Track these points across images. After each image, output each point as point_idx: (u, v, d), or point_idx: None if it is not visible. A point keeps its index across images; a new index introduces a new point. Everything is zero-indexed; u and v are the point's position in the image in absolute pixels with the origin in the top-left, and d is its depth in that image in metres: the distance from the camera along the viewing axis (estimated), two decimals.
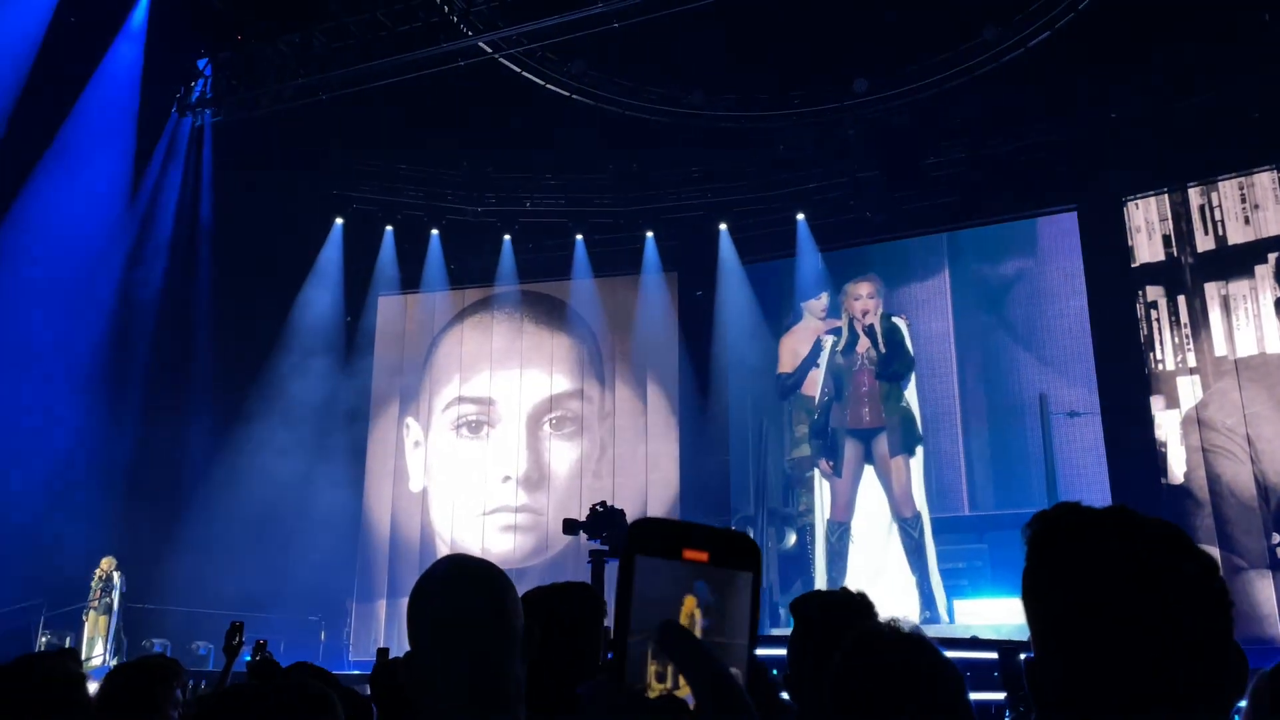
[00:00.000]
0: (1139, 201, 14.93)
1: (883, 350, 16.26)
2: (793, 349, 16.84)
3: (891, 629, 1.61)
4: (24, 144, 13.33)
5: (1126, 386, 14.49)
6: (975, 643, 11.60)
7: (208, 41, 14.85)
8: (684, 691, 0.68)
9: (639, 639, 0.69)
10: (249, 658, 5.61)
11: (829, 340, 16.70)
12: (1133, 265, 14.82)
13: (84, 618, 13.76)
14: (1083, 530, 1.01)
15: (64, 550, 13.36)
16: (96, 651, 13.50)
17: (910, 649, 1.52)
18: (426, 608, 1.60)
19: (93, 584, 13.80)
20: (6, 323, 13.58)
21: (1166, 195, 14.77)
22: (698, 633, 0.70)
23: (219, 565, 14.30)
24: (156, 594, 14.11)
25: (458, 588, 1.61)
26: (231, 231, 15.43)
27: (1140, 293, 14.72)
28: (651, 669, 0.69)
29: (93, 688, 3.33)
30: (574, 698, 1.86)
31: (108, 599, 13.72)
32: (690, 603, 0.69)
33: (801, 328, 16.87)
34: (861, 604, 2.12)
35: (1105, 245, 14.99)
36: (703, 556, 0.71)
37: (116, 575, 13.79)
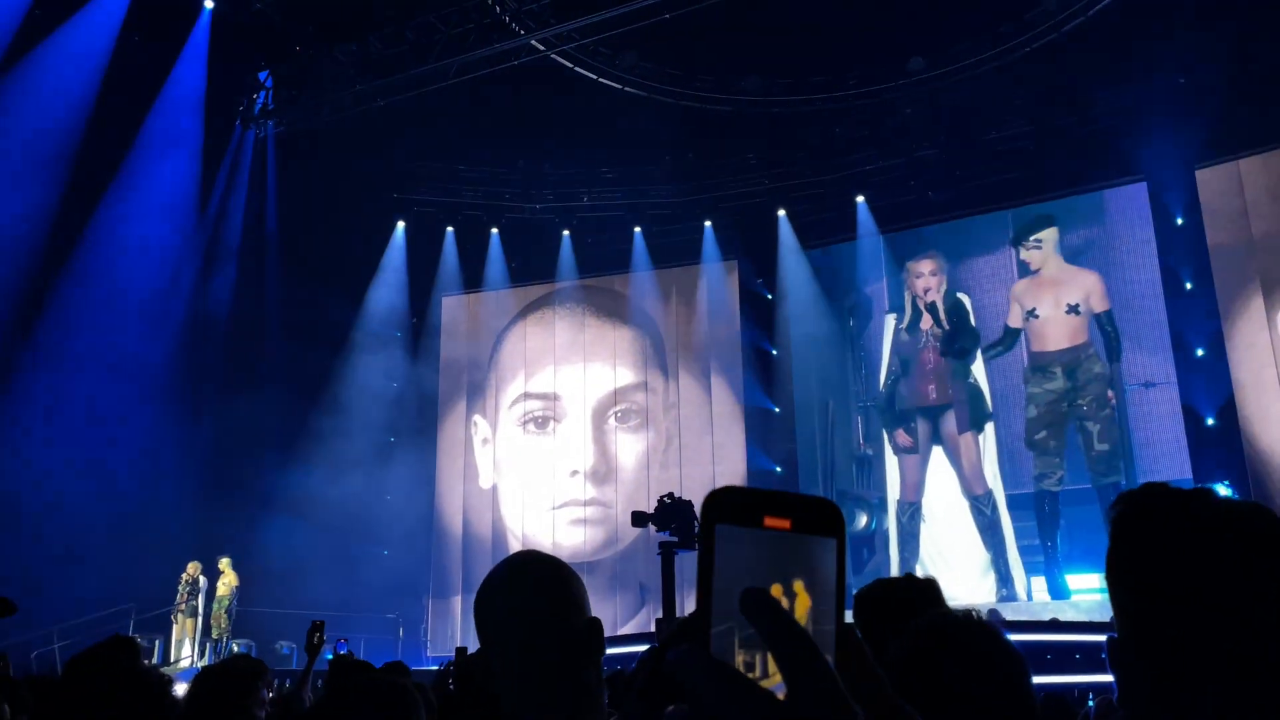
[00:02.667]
0: (1210, 169, 14.51)
1: (946, 327, 16.07)
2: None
3: (963, 614, 1.60)
4: (95, 162, 13.71)
5: (1203, 356, 14.13)
6: (1055, 625, 11.45)
7: (268, 54, 15.13)
8: (773, 680, 0.67)
9: (724, 629, 0.68)
10: (330, 656, 5.74)
11: (891, 318, 16.55)
12: (1206, 233, 14.41)
13: (172, 620, 14.17)
14: (1168, 513, 1.01)
15: (151, 556, 13.74)
16: (184, 654, 13.89)
17: (972, 634, 1.51)
18: (488, 608, 1.60)
19: (179, 588, 14.19)
20: (86, 334, 13.99)
21: (1239, 162, 14.33)
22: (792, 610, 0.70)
23: (299, 566, 14.60)
24: (240, 596, 14.45)
25: (517, 588, 1.60)
26: (298, 238, 15.74)
27: (1214, 261, 14.31)
28: (740, 658, 0.67)
29: (180, 689, 3.44)
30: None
31: (194, 602, 14.10)
32: (778, 590, 0.69)
33: None
34: (928, 589, 2.06)
35: (1176, 214, 14.62)
36: (785, 524, 0.70)
37: (203, 579, 14.17)
